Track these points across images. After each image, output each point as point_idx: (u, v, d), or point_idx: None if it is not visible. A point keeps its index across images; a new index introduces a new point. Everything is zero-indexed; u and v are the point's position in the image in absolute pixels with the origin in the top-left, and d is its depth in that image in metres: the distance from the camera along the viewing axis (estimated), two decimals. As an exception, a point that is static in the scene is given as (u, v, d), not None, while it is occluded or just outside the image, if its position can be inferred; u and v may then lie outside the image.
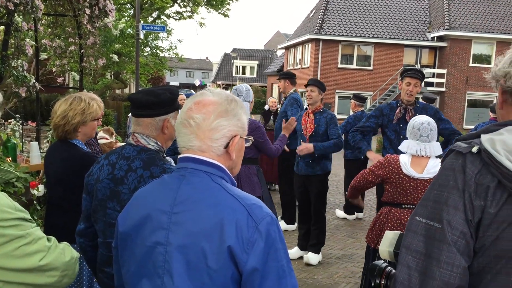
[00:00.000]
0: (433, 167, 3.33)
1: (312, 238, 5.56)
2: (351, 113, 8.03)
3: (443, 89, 26.49)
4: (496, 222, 1.29)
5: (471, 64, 26.45)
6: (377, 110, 5.00)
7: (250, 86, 5.38)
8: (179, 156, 1.51)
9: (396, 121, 4.79)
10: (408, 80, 4.69)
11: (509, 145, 1.29)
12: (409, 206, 3.40)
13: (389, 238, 1.72)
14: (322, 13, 27.78)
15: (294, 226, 6.88)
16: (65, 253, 1.71)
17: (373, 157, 4.60)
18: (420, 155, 3.37)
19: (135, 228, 1.46)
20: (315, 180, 5.41)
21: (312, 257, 5.50)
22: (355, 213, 7.77)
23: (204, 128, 1.44)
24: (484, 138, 1.35)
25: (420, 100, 7.68)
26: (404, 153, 3.49)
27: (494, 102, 9.28)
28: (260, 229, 1.33)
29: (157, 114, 2.08)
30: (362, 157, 7.45)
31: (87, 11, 5.64)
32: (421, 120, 3.42)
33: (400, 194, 3.41)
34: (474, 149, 1.35)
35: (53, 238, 1.71)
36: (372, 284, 1.58)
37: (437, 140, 3.63)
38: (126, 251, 1.49)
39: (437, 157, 3.45)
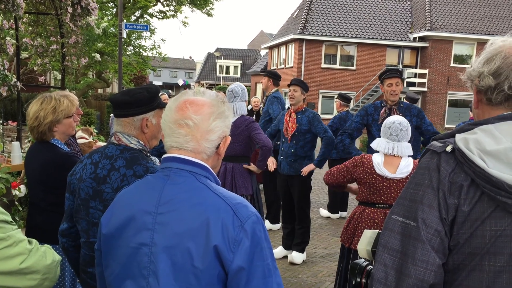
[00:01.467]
0: (405, 167, 3.37)
1: (296, 237, 5.58)
2: (335, 113, 8.06)
3: (425, 89, 26.79)
4: (469, 220, 1.32)
5: (452, 64, 26.79)
6: (362, 110, 5.02)
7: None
8: (163, 156, 1.50)
9: (381, 121, 4.79)
10: (388, 81, 4.71)
11: (482, 144, 1.32)
12: (382, 205, 3.43)
13: (367, 237, 1.75)
14: (306, 13, 27.88)
15: (278, 226, 6.90)
16: (47, 256, 1.69)
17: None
18: (387, 153, 3.40)
19: (119, 229, 1.45)
20: (298, 180, 5.41)
21: (296, 256, 5.52)
22: (339, 212, 7.82)
23: (203, 129, 1.45)
24: (458, 137, 1.38)
25: (404, 100, 7.77)
26: (376, 152, 3.53)
27: None
28: (246, 228, 1.34)
29: (134, 114, 2.07)
30: None
31: (69, 9, 5.60)
32: (393, 119, 3.46)
33: (374, 194, 3.43)
34: (448, 148, 1.38)
35: (34, 241, 1.70)
36: (353, 283, 1.60)
37: (416, 141, 3.64)
38: (110, 252, 1.48)
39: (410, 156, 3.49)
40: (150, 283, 1.36)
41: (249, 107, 9.58)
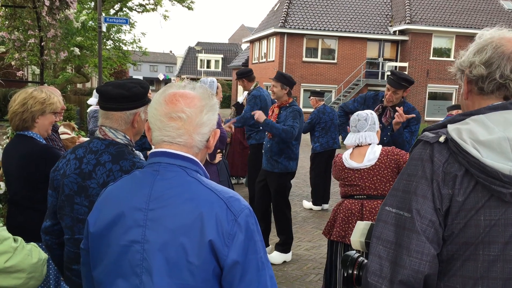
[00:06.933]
0: (371, 154, 3.44)
1: (279, 238, 5.46)
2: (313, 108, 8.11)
3: (405, 82, 27.03)
4: (464, 210, 1.32)
5: (431, 58, 27.08)
6: (361, 97, 4.82)
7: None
8: (150, 151, 1.47)
9: None
10: (387, 85, 4.49)
11: (475, 134, 1.32)
12: (360, 196, 3.47)
13: (360, 229, 1.74)
14: (287, 7, 27.85)
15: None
16: (33, 254, 1.66)
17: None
18: (354, 144, 3.52)
19: (107, 227, 1.41)
20: (274, 177, 5.26)
21: (274, 256, 5.34)
22: (322, 204, 7.86)
23: (195, 122, 1.42)
24: (451, 128, 1.38)
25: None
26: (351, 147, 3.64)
27: (453, 104, 9.48)
28: (240, 222, 1.33)
29: (128, 108, 2.03)
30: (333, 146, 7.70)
31: (47, 2, 5.47)
32: (355, 113, 3.61)
33: (351, 187, 3.50)
34: (441, 139, 1.38)
35: (20, 239, 1.66)
36: (345, 275, 1.59)
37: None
38: (99, 252, 1.44)
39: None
40: (143, 281, 1.33)
41: (240, 99, 9.46)
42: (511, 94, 1.42)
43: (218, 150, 4.61)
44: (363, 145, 3.50)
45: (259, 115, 5.01)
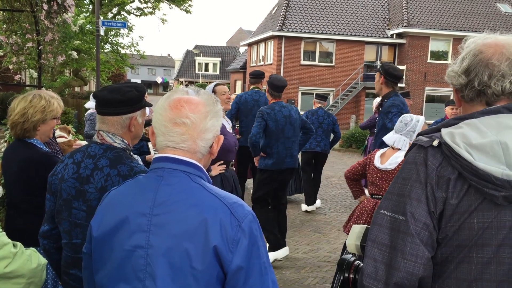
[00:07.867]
0: (395, 158, 3.49)
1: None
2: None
3: (403, 85, 27.10)
4: (457, 213, 1.33)
5: (429, 61, 27.16)
6: None
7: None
8: (154, 156, 1.47)
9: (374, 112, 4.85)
10: None
11: (468, 138, 1.34)
12: (377, 196, 3.58)
13: (356, 232, 1.75)
14: (284, 10, 27.91)
15: None
16: (32, 259, 1.66)
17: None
18: (389, 144, 3.56)
19: (111, 232, 1.42)
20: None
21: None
22: (314, 203, 7.92)
23: (200, 128, 1.43)
24: (444, 131, 1.40)
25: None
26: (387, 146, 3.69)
27: (451, 98, 9.83)
28: (244, 228, 1.34)
29: (123, 112, 2.03)
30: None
31: (45, 6, 5.47)
32: (411, 116, 3.64)
33: (372, 185, 3.60)
34: (435, 143, 1.40)
35: (19, 244, 1.66)
36: (341, 278, 1.60)
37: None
38: (101, 256, 1.44)
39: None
40: (146, 286, 1.34)
41: None
42: (491, 100, 1.43)
43: (221, 162, 4.32)
44: (394, 148, 3.53)
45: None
